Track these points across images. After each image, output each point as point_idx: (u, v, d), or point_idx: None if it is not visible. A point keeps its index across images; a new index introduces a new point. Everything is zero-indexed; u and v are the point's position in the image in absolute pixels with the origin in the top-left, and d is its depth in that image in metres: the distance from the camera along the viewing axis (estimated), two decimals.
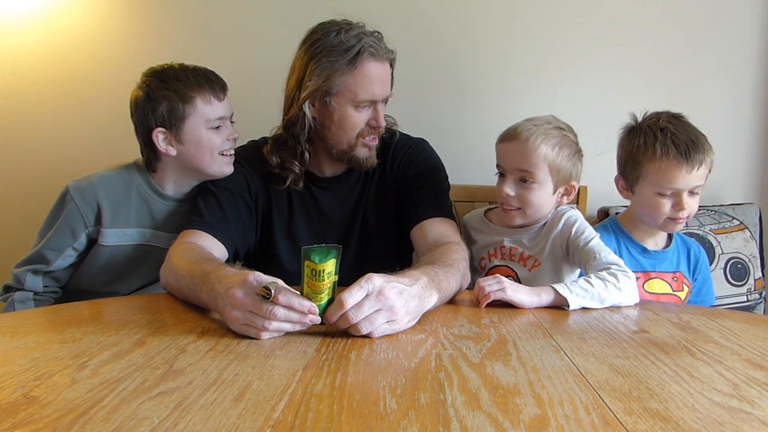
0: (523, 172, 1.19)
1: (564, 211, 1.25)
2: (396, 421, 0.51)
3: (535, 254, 1.25)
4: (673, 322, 0.89)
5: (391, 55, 1.19)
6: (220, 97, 1.24)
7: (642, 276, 1.30)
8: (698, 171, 1.21)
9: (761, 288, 1.67)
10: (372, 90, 1.16)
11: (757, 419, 0.53)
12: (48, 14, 1.79)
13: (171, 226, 1.27)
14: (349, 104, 1.17)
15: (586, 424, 0.51)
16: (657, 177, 1.23)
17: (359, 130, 1.19)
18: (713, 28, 1.76)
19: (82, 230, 1.25)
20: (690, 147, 1.21)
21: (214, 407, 0.54)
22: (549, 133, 1.19)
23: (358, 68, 1.14)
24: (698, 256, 1.35)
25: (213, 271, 0.88)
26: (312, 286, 0.76)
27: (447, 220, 1.22)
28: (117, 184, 1.27)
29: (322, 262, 0.75)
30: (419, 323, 0.85)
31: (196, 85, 1.21)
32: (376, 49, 1.15)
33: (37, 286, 1.26)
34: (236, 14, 1.80)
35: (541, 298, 0.99)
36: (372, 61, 1.15)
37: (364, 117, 1.19)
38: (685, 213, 1.23)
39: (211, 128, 1.22)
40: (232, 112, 1.28)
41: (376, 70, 1.16)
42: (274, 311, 0.75)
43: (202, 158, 1.23)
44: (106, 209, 1.24)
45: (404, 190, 1.27)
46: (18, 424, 0.50)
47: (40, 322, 0.87)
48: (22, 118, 1.83)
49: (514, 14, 1.78)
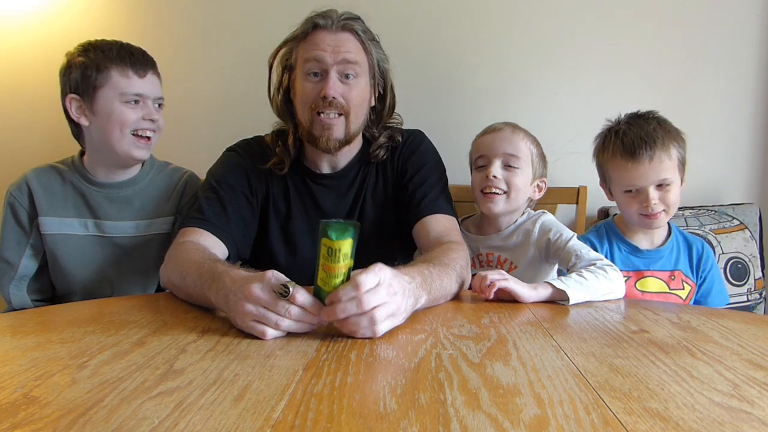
0: (509, 156, 1.26)
1: (537, 215, 1.30)
2: (396, 421, 0.51)
3: (511, 257, 1.29)
4: (673, 322, 0.89)
5: (349, 24, 1.18)
6: (141, 74, 1.22)
7: (633, 275, 1.31)
8: (653, 165, 1.22)
9: (761, 288, 1.67)
10: (315, 53, 1.15)
11: (757, 419, 0.53)
12: (48, 14, 1.80)
13: (110, 214, 1.29)
14: (301, 75, 1.18)
15: (586, 424, 0.51)
16: (615, 176, 1.29)
17: (311, 102, 1.17)
18: (713, 28, 1.76)
19: (26, 220, 1.28)
20: (636, 144, 1.23)
21: (214, 407, 0.54)
22: (525, 131, 1.31)
23: (306, 39, 1.18)
24: (701, 254, 1.34)
25: (225, 271, 0.87)
26: (327, 268, 0.75)
27: (448, 216, 1.22)
28: (50, 175, 1.31)
29: (339, 239, 0.74)
30: (419, 323, 0.85)
31: (115, 57, 1.21)
32: (325, 20, 1.16)
33: (25, 302, 1.28)
34: (236, 13, 1.81)
35: (539, 292, 1.01)
36: (319, 30, 1.17)
37: (315, 88, 1.17)
38: (658, 207, 1.24)
39: (125, 102, 1.22)
40: (159, 95, 1.27)
41: (322, 37, 1.16)
42: (290, 310, 0.75)
43: (111, 132, 1.22)
44: (40, 196, 1.27)
45: (404, 185, 1.26)
46: (18, 424, 0.50)
47: (40, 322, 0.87)
48: (23, 118, 1.83)
49: (514, 16, 1.78)
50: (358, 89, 1.19)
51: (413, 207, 1.22)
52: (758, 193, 1.82)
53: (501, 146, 1.27)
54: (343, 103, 1.17)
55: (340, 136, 1.19)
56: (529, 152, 1.28)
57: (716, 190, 1.81)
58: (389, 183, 1.28)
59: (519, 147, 1.27)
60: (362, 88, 1.20)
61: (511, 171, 1.26)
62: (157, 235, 1.32)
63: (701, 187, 1.78)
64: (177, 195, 1.34)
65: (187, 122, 1.82)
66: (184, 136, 1.80)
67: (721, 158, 1.81)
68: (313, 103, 1.17)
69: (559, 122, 1.78)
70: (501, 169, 1.26)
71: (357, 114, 1.20)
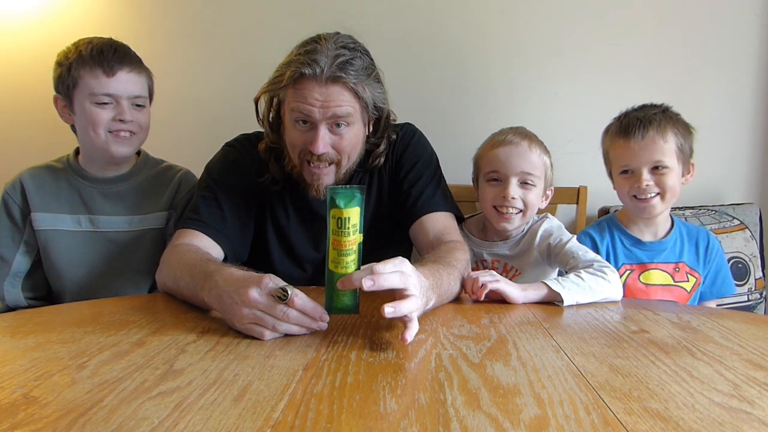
0: (525, 174, 1.22)
1: (541, 220, 1.28)
2: (396, 421, 0.51)
3: (517, 265, 1.27)
4: (673, 322, 0.89)
5: (340, 76, 1.02)
6: (109, 73, 1.19)
7: (638, 268, 1.30)
8: (645, 144, 1.22)
9: (761, 288, 1.67)
10: (302, 107, 1.04)
11: (757, 419, 0.53)
12: (48, 14, 1.80)
13: (104, 209, 1.29)
14: (290, 117, 1.09)
15: (586, 424, 0.51)
16: (613, 156, 1.30)
17: (299, 151, 1.10)
18: (713, 28, 1.76)
19: (19, 216, 1.29)
20: (633, 123, 1.25)
21: (214, 407, 0.54)
22: (539, 142, 1.26)
23: (295, 83, 1.05)
24: (707, 244, 1.33)
25: (217, 270, 0.87)
26: (337, 245, 0.76)
27: (445, 213, 1.20)
28: (43, 173, 1.32)
29: (348, 206, 0.76)
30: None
31: (87, 57, 1.20)
32: (312, 68, 1.02)
33: (18, 300, 1.29)
34: (237, 14, 1.80)
35: (530, 293, 1.00)
36: (305, 80, 1.03)
37: (304, 137, 1.08)
38: (651, 190, 1.23)
39: (95, 103, 1.21)
40: (135, 94, 1.23)
41: (310, 89, 1.03)
42: (287, 313, 0.76)
43: (87, 132, 1.23)
44: (32, 193, 1.28)
45: (399, 182, 1.23)
46: (18, 424, 0.50)
47: (40, 322, 0.87)
48: (23, 118, 1.83)
49: (515, 16, 1.78)
50: (350, 135, 1.10)
51: (409, 206, 1.20)
52: (758, 193, 1.82)
53: (518, 164, 1.21)
54: (333, 155, 1.10)
55: (331, 182, 1.14)
56: (544, 166, 1.24)
57: (716, 190, 1.81)
58: (385, 182, 1.26)
59: (535, 164, 1.22)
60: (355, 134, 1.11)
61: (527, 188, 1.22)
62: (149, 231, 1.32)
63: (701, 187, 1.78)
64: (171, 191, 1.34)
65: (187, 123, 1.82)
66: (185, 137, 1.80)
67: (721, 158, 1.81)
68: (302, 152, 1.10)
69: (559, 122, 1.78)
70: (518, 188, 1.22)
71: (350, 158, 1.13)
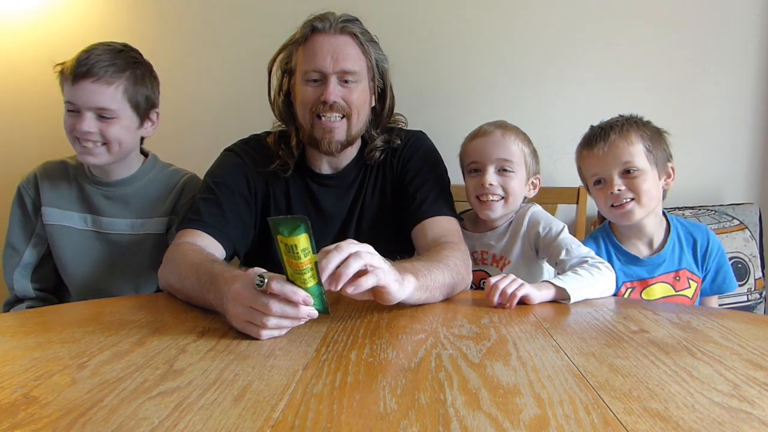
0: (502, 161, 1.25)
1: (526, 208, 1.29)
2: (396, 421, 0.51)
3: (505, 254, 1.29)
4: (673, 322, 0.89)
5: (348, 27, 1.17)
6: (73, 82, 1.18)
7: (638, 285, 1.28)
8: (610, 150, 1.23)
9: (761, 288, 1.67)
10: (315, 61, 1.16)
11: (757, 419, 0.53)
12: (48, 14, 1.80)
13: (107, 211, 1.31)
14: (301, 80, 1.19)
15: (586, 424, 0.51)
16: (583, 168, 1.32)
17: (311, 106, 1.18)
18: (713, 28, 1.76)
19: (32, 208, 1.31)
20: (596, 133, 1.27)
21: (214, 407, 0.54)
22: (516, 130, 1.29)
23: (305, 43, 1.18)
24: (706, 244, 1.31)
25: (221, 272, 0.87)
26: (292, 264, 0.74)
27: (448, 218, 1.21)
28: (58, 168, 1.34)
29: (291, 235, 0.72)
30: (419, 323, 0.85)
31: (70, 62, 1.20)
32: (323, 23, 1.16)
33: (27, 290, 1.30)
34: (237, 14, 1.81)
35: (544, 293, 1.00)
36: (317, 34, 1.17)
37: (316, 92, 1.17)
38: (624, 195, 1.22)
39: (67, 110, 1.22)
40: (98, 105, 1.19)
41: (321, 42, 1.16)
42: (269, 305, 0.74)
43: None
44: (45, 187, 1.31)
45: (404, 186, 1.26)
46: (18, 424, 0.50)
47: (40, 322, 0.87)
48: (23, 118, 1.83)
49: (514, 16, 1.78)
50: (359, 92, 1.19)
51: (413, 209, 1.22)
52: (758, 193, 1.82)
53: (493, 152, 1.25)
54: (344, 106, 1.18)
55: (342, 138, 1.20)
56: (522, 153, 1.26)
57: (716, 190, 1.81)
58: (389, 184, 1.28)
59: (511, 150, 1.25)
60: (362, 91, 1.21)
61: (506, 175, 1.25)
62: (150, 235, 1.32)
63: (701, 187, 1.78)
64: (174, 196, 1.35)
65: (187, 124, 1.82)
66: (185, 138, 1.81)
67: (721, 158, 1.81)
68: (314, 106, 1.18)
69: (559, 122, 1.78)
70: (495, 175, 1.25)
71: (359, 115, 1.21)
